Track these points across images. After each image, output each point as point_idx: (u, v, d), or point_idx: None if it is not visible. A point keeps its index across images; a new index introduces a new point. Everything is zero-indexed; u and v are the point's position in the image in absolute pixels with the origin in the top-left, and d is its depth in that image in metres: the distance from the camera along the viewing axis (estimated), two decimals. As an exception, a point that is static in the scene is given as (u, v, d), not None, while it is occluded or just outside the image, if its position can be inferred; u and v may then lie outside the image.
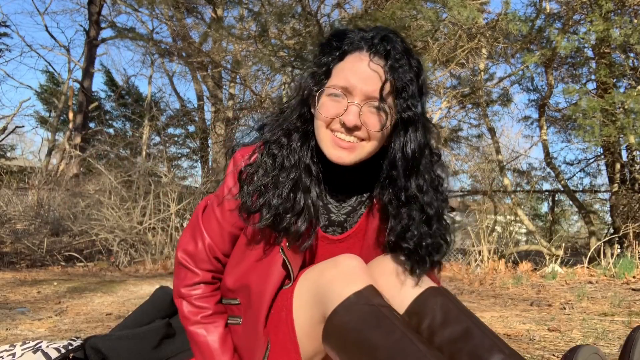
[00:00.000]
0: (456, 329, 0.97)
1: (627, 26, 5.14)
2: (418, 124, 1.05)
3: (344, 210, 1.16)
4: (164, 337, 1.41)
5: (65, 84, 15.31)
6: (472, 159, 11.25)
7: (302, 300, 1.06)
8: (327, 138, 1.05)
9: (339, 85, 1.03)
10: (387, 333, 0.91)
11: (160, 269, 5.46)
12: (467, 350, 0.94)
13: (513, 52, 7.06)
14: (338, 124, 1.03)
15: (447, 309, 1.00)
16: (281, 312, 1.09)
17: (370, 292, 0.97)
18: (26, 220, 6.59)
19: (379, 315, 0.93)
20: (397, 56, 1.02)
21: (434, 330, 0.98)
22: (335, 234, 1.17)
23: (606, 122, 5.17)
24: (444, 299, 1.03)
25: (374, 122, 1.03)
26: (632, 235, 5.34)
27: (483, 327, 0.98)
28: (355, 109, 1.02)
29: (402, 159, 1.05)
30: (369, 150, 1.06)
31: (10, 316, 2.74)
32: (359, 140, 1.04)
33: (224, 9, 8.85)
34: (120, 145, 10.29)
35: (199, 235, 1.18)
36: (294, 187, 1.08)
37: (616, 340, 2.15)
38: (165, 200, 6.34)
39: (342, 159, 1.04)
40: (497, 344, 0.94)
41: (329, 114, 1.04)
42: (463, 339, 0.95)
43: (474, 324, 0.99)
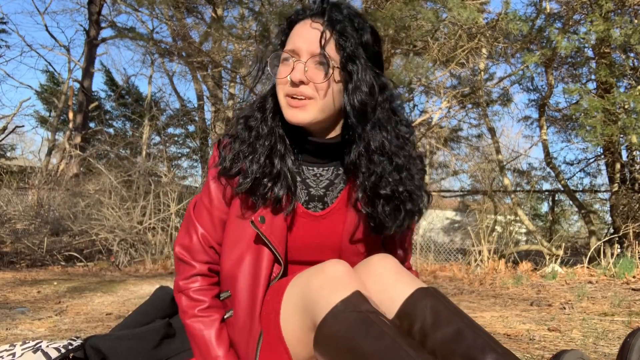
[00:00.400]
0: (448, 331, 0.96)
1: (628, 26, 5.14)
2: (362, 73, 1.11)
3: (322, 184, 1.20)
4: (164, 337, 1.41)
5: (65, 83, 15.32)
6: (472, 158, 11.27)
7: (291, 307, 1.06)
8: (284, 102, 1.12)
9: (287, 50, 1.12)
10: (377, 340, 0.90)
11: (161, 268, 5.46)
12: (460, 352, 0.93)
13: (513, 52, 7.06)
14: (289, 85, 1.10)
15: (437, 310, 0.99)
16: (270, 315, 1.09)
17: (358, 299, 0.96)
18: (26, 220, 6.59)
19: (367, 322, 0.92)
20: (335, 13, 1.11)
21: (426, 332, 0.97)
22: (317, 210, 1.20)
23: (608, 121, 5.17)
24: (434, 300, 1.02)
25: (318, 75, 1.09)
26: (632, 235, 5.34)
27: (475, 327, 0.98)
28: (300, 65, 1.09)
29: (351, 108, 1.11)
30: (320, 106, 1.11)
31: (10, 316, 2.74)
32: (308, 98, 1.10)
33: (224, 9, 8.85)
34: (120, 145, 10.28)
35: (192, 228, 1.22)
36: (270, 153, 1.15)
37: (616, 340, 2.15)
38: (165, 200, 6.34)
39: (297, 117, 1.11)
40: (489, 343, 0.94)
41: (281, 75, 1.12)
42: (455, 341, 0.94)
43: (466, 324, 0.98)
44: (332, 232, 1.19)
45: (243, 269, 1.15)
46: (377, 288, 1.05)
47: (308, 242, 1.19)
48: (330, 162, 1.20)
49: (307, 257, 1.21)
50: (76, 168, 10.16)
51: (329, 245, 1.20)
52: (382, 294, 1.05)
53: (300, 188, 1.19)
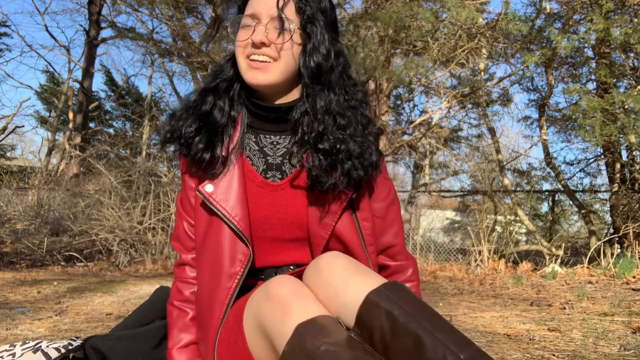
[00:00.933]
0: (406, 341, 0.88)
1: (628, 25, 5.14)
2: (320, 36, 1.14)
3: (279, 152, 1.20)
4: (164, 338, 1.40)
5: (65, 83, 15.32)
6: (472, 159, 11.28)
7: (252, 331, 1.03)
8: (244, 64, 1.14)
9: (248, 14, 1.14)
10: None
11: (160, 268, 5.46)
12: None
13: (513, 52, 7.06)
14: (250, 47, 1.12)
15: (392, 316, 0.91)
16: (237, 341, 1.06)
17: (300, 336, 0.90)
18: (26, 220, 6.59)
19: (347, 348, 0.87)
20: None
21: (386, 343, 0.90)
22: (275, 180, 1.19)
23: (607, 121, 5.17)
24: (388, 303, 0.93)
25: (280, 38, 1.12)
26: (632, 235, 5.33)
27: (434, 330, 0.89)
28: (261, 28, 1.11)
29: (305, 68, 1.13)
30: (281, 68, 1.13)
31: (10, 316, 2.74)
32: (271, 60, 1.12)
33: (224, 9, 8.85)
34: (120, 145, 10.29)
35: (179, 217, 1.26)
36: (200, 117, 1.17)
37: (616, 340, 2.15)
38: (165, 200, 6.34)
39: (257, 79, 1.12)
40: (450, 349, 0.86)
41: (242, 37, 1.14)
42: (415, 352, 0.87)
43: (424, 329, 0.89)
44: (293, 204, 1.18)
45: (205, 245, 1.17)
46: (328, 295, 0.99)
47: (269, 214, 1.18)
48: (286, 130, 1.20)
49: (272, 233, 1.18)
50: (76, 168, 10.16)
51: (291, 219, 1.18)
52: (335, 301, 0.98)
53: (258, 157, 1.20)
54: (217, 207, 1.13)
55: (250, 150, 1.20)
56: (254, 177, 1.19)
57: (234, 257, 1.13)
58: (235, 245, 1.14)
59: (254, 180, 1.18)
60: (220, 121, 1.17)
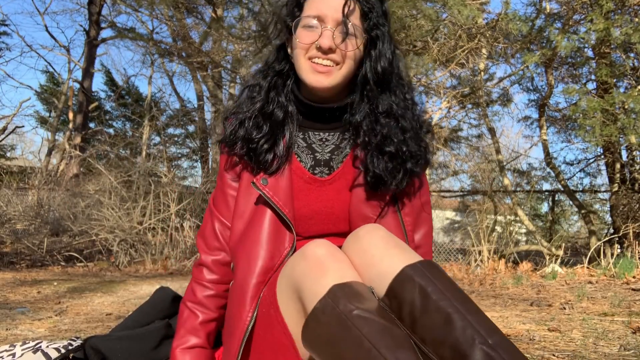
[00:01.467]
0: (436, 318, 0.89)
1: (628, 25, 5.14)
2: (385, 42, 1.16)
3: (328, 149, 1.22)
4: (164, 338, 1.41)
5: (65, 84, 15.32)
6: (472, 159, 11.26)
7: (285, 297, 1.04)
8: (307, 65, 1.14)
9: (312, 15, 1.12)
10: (355, 346, 0.86)
11: (160, 269, 5.46)
12: (449, 343, 0.87)
13: (513, 52, 7.06)
14: (315, 49, 1.12)
15: (426, 292, 0.91)
16: (270, 310, 1.07)
17: (334, 296, 0.91)
18: (26, 220, 6.59)
19: (345, 326, 0.88)
20: None
21: (415, 317, 0.91)
22: (323, 175, 1.21)
23: (607, 122, 5.16)
24: (423, 279, 0.93)
25: (347, 44, 1.12)
26: (632, 235, 5.33)
27: (466, 312, 0.90)
28: (329, 32, 1.11)
29: (374, 73, 1.16)
30: (343, 73, 1.14)
31: (10, 316, 2.74)
32: (334, 64, 1.13)
33: (224, 9, 8.85)
34: (120, 145, 10.29)
35: (209, 215, 1.26)
36: (265, 118, 1.19)
37: (616, 340, 2.15)
38: (165, 201, 6.34)
39: (321, 83, 1.13)
40: (479, 332, 0.87)
41: (307, 40, 1.13)
42: (444, 329, 0.88)
43: (456, 309, 0.90)
44: (339, 199, 1.19)
45: (246, 236, 1.16)
46: (364, 263, 1.00)
47: (316, 209, 1.19)
48: (336, 127, 1.22)
49: (318, 228, 1.20)
50: (76, 168, 10.16)
51: (337, 214, 1.19)
52: (370, 269, 0.99)
53: (306, 153, 1.21)
54: (270, 197, 1.14)
55: (298, 147, 1.22)
56: (302, 173, 1.20)
57: (274, 250, 1.13)
58: (278, 234, 1.14)
59: (302, 176, 1.20)
60: (283, 120, 1.19)
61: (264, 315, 1.09)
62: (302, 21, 1.14)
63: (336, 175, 1.21)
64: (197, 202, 6.69)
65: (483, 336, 0.86)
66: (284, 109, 1.20)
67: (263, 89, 1.21)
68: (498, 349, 0.85)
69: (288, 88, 1.22)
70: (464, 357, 0.85)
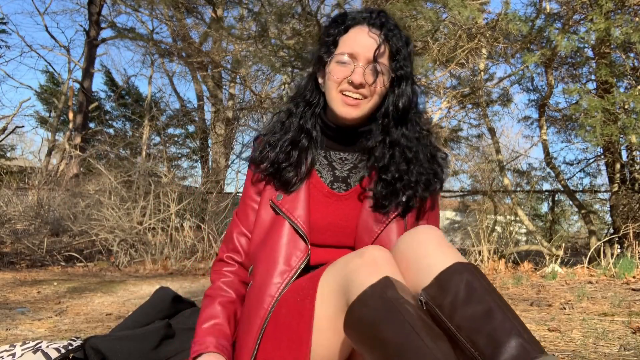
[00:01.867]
0: (478, 309, 0.96)
1: (628, 25, 5.13)
2: (409, 82, 1.29)
3: (346, 167, 1.35)
4: (164, 338, 1.41)
5: (65, 84, 15.32)
6: (472, 159, 11.25)
7: (328, 288, 1.11)
8: (338, 98, 1.27)
9: (345, 52, 1.26)
10: (397, 327, 0.93)
11: (160, 269, 5.46)
12: (486, 331, 0.93)
13: (513, 52, 7.05)
14: (346, 84, 1.25)
15: (472, 287, 1.00)
16: (305, 301, 1.14)
17: (386, 285, 0.99)
18: (26, 221, 6.59)
19: (391, 310, 0.95)
20: (390, 27, 1.27)
21: (455, 306, 0.98)
22: (340, 190, 1.33)
23: (607, 121, 5.16)
24: (471, 275, 1.02)
25: (375, 81, 1.25)
26: (632, 235, 5.33)
27: (506, 309, 0.98)
28: (360, 70, 1.24)
29: (394, 109, 1.28)
30: (370, 106, 1.28)
31: (10, 316, 2.74)
32: (363, 97, 1.26)
33: (224, 9, 8.86)
34: (120, 145, 10.29)
35: (233, 225, 1.39)
36: (293, 145, 1.32)
37: (616, 340, 2.15)
38: (165, 201, 6.34)
39: (350, 114, 1.26)
40: (517, 327, 0.94)
41: (339, 75, 1.26)
42: (483, 319, 0.95)
43: (498, 305, 0.98)
44: (352, 214, 1.30)
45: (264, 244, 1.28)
46: (417, 255, 1.08)
47: (332, 221, 1.29)
48: (355, 149, 1.35)
49: (330, 239, 1.29)
50: (76, 168, 10.17)
51: (352, 227, 1.29)
52: (422, 260, 1.07)
53: (327, 170, 1.34)
54: (285, 212, 1.27)
55: (320, 164, 1.35)
56: (321, 187, 1.32)
57: (290, 255, 1.24)
58: (295, 243, 1.25)
59: (321, 190, 1.32)
60: (308, 146, 1.33)
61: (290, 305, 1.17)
62: (336, 57, 1.27)
63: (352, 191, 1.32)
64: (197, 202, 6.69)
65: (519, 330, 0.94)
66: (310, 136, 1.33)
67: (295, 118, 1.34)
68: (532, 344, 0.92)
69: (316, 115, 1.35)
70: (499, 344, 0.91)
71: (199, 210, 6.64)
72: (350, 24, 1.29)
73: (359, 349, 1.02)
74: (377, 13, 1.29)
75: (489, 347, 0.91)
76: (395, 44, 1.27)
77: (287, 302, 1.18)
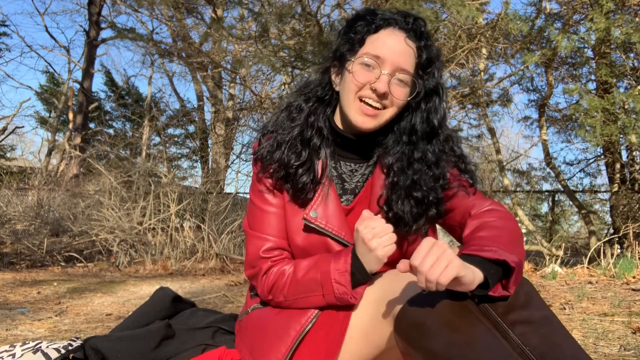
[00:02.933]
0: (536, 314, 0.95)
1: (628, 25, 5.13)
2: (441, 97, 1.18)
3: (355, 179, 1.25)
4: (164, 338, 1.41)
5: (65, 84, 15.32)
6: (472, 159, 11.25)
7: (365, 300, 1.07)
8: (355, 105, 1.15)
9: (372, 54, 1.13)
10: (471, 325, 0.90)
11: (160, 269, 5.46)
12: (541, 333, 0.92)
13: (513, 52, 7.05)
14: (368, 90, 1.13)
15: (531, 296, 0.98)
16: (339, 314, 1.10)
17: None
18: (26, 221, 6.59)
19: (464, 308, 0.93)
20: (427, 36, 1.16)
21: (511, 308, 0.95)
22: (348, 203, 1.24)
23: (607, 121, 5.16)
24: (529, 287, 1.01)
25: (400, 92, 1.14)
26: (632, 236, 5.33)
27: (560, 322, 0.98)
28: (386, 77, 1.12)
29: (425, 125, 1.17)
30: (387, 117, 1.17)
31: (10, 316, 2.74)
32: (382, 108, 1.15)
33: (224, 10, 8.85)
34: (120, 145, 10.29)
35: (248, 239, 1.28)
36: (303, 144, 1.20)
37: (616, 341, 2.15)
38: (165, 201, 6.34)
39: (366, 124, 1.15)
40: (572, 337, 0.94)
41: (362, 79, 1.13)
42: (540, 323, 0.94)
43: (554, 316, 0.97)
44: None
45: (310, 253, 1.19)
46: None
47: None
48: (365, 159, 1.25)
49: None
50: (76, 169, 10.17)
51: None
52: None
53: (336, 182, 1.24)
54: (327, 230, 1.17)
55: (329, 173, 1.23)
56: (335, 197, 1.22)
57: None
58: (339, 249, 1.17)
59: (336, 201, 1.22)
60: (320, 146, 1.21)
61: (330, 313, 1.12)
62: (361, 58, 1.14)
63: (356, 201, 1.24)
64: (197, 203, 6.69)
65: (574, 340, 0.93)
66: (321, 134, 1.21)
67: (303, 113, 1.22)
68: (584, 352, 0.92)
69: (326, 115, 1.23)
70: (555, 345, 0.90)
71: (199, 211, 6.63)
72: (382, 25, 1.15)
73: (408, 351, 0.96)
74: (415, 19, 1.17)
75: (543, 345, 0.90)
76: (430, 55, 1.16)
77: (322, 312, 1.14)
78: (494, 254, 0.97)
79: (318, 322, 1.12)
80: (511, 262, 0.95)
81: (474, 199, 1.21)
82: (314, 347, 1.10)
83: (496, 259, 0.96)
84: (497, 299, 0.95)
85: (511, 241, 1.05)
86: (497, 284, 0.97)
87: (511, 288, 0.96)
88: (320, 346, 1.09)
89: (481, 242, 1.02)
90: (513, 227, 1.12)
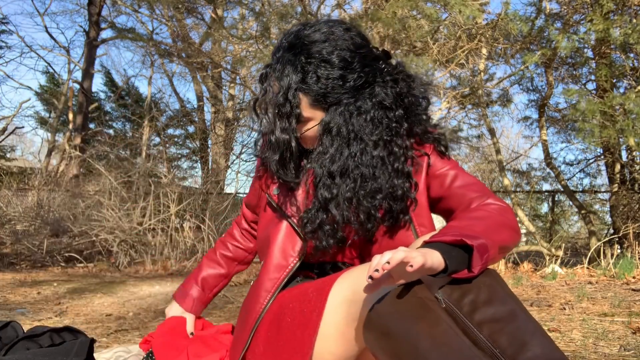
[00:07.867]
0: (501, 310, 0.95)
1: (627, 26, 5.13)
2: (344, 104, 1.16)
3: None
4: None
5: (65, 84, 15.30)
6: (472, 159, 11.26)
7: (340, 298, 1.07)
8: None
9: None
10: (433, 324, 0.91)
11: (160, 269, 5.46)
12: (508, 331, 0.92)
13: (513, 52, 7.06)
14: None
15: (494, 289, 0.98)
16: (312, 314, 1.10)
17: (417, 286, 0.97)
18: (26, 221, 6.59)
19: (425, 307, 0.93)
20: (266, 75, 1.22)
21: (476, 306, 0.95)
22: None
23: (606, 124, 5.16)
24: (492, 279, 1.00)
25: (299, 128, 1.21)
26: (632, 236, 5.33)
27: (527, 313, 0.98)
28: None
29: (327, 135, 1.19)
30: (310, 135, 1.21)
31: (10, 317, 2.74)
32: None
33: (224, 10, 8.85)
34: (120, 146, 10.28)
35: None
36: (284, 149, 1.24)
37: (616, 341, 2.15)
38: (165, 201, 6.34)
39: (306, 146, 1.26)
40: (540, 329, 0.94)
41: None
42: (506, 320, 0.94)
43: (520, 308, 0.97)
44: None
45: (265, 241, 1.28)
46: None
47: None
48: None
49: None
50: (76, 169, 10.17)
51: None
52: None
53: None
54: (280, 206, 1.25)
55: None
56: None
57: (286, 250, 1.22)
58: (290, 239, 1.23)
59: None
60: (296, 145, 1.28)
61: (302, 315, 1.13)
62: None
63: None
64: (197, 203, 6.69)
65: (542, 332, 0.94)
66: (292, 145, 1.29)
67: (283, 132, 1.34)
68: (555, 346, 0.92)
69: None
70: (523, 344, 0.90)
71: (199, 211, 6.63)
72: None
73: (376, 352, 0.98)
74: (260, 75, 1.25)
75: (512, 346, 0.90)
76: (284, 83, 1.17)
77: (293, 311, 1.15)
78: (454, 237, 0.98)
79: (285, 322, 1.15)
80: (470, 242, 0.96)
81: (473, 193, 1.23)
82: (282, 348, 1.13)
83: (454, 242, 0.97)
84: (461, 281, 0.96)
85: (487, 227, 1.07)
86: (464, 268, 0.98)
87: (475, 268, 0.96)
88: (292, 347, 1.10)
89: (447, 230, 1.05)
90: (499, 217, 1.13)
